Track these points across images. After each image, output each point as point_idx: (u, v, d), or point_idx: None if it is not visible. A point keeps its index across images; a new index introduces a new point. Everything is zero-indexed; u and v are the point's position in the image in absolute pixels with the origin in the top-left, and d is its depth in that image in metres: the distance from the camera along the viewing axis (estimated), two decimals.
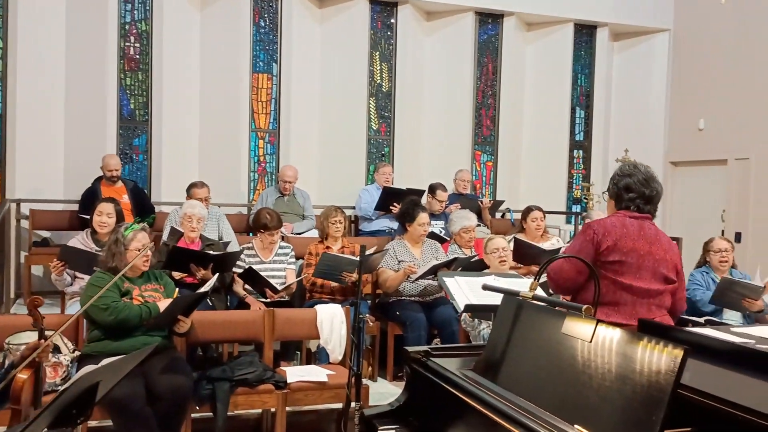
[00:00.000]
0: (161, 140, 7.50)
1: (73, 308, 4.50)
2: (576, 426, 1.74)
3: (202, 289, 3.79)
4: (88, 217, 5.21)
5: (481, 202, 7.56)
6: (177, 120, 7.53)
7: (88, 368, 2.21)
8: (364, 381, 4.43)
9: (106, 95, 7.21)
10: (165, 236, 5.65)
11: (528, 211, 6.11)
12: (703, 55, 8.53)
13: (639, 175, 2.95)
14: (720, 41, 8.28)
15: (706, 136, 8.49)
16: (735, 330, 2.76)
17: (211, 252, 4.90)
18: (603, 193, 3.28)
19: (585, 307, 1.86)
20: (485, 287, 2.36)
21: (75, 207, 6.46)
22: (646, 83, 9.24)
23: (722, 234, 7.70)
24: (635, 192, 2.93)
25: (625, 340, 1.75)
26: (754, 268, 6.82)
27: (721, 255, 5.03)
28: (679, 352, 1.59)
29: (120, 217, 5.00)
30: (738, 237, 7.92)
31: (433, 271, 5.05)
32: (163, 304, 3.65)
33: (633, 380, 1.67)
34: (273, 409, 3.99)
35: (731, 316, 4.92)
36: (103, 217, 4.88)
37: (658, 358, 1.64)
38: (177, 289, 4.05)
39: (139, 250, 3.65)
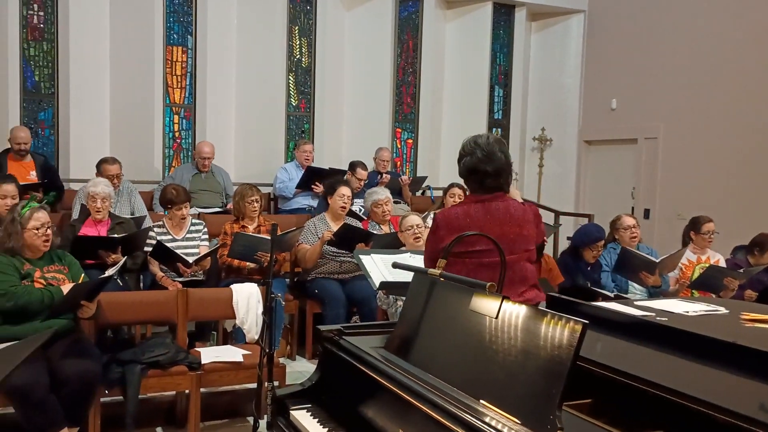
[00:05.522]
0: (69, 114, 7.14)
1: None
2: (481, 401, 1.76)
3: (107, 273, 3.65)
4: None
5: (401, 179, 7.59)
6: (86, 93, 7.17)
7: None
8: (282, 360, 4.41)
9: (8, 66, 6.84)
10: (75, 214, 5.43)
11: (449, 187, 6.20)
12: (615, 36, 8.78)
13: (479, 152, 2.78)
14: (631, 24, 8.53)
15: (618, 116, 8.77)
16: (638, 304, 2.87)
17: (115, 236, 4.71)
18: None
19: (489, 284, 1.88)
20: (395, 265, 2.36)
21: None
22: (562, 63, 9.43)
23: (632, 211, 8.01)
24: (480, 172, 2.79)
25: (529, 315, 1.78)
26: (662, 243, 7.15)
27: (631, 231, 5.21)
28: (578, 327, 1.62)
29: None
30: (647, 213, 8.25)
31: (348, 232, 5.07)
32: (68, 287, 3.49)
33: (536, 355, 1.70)
34: (187, 391, 3.91)
35: (638, 291, 5.12)
36: (8, 200, 4.68)
37: (560, 332, 1.67)
38: (83, 273, 3.86)
39: (38, 230, 3.48)
